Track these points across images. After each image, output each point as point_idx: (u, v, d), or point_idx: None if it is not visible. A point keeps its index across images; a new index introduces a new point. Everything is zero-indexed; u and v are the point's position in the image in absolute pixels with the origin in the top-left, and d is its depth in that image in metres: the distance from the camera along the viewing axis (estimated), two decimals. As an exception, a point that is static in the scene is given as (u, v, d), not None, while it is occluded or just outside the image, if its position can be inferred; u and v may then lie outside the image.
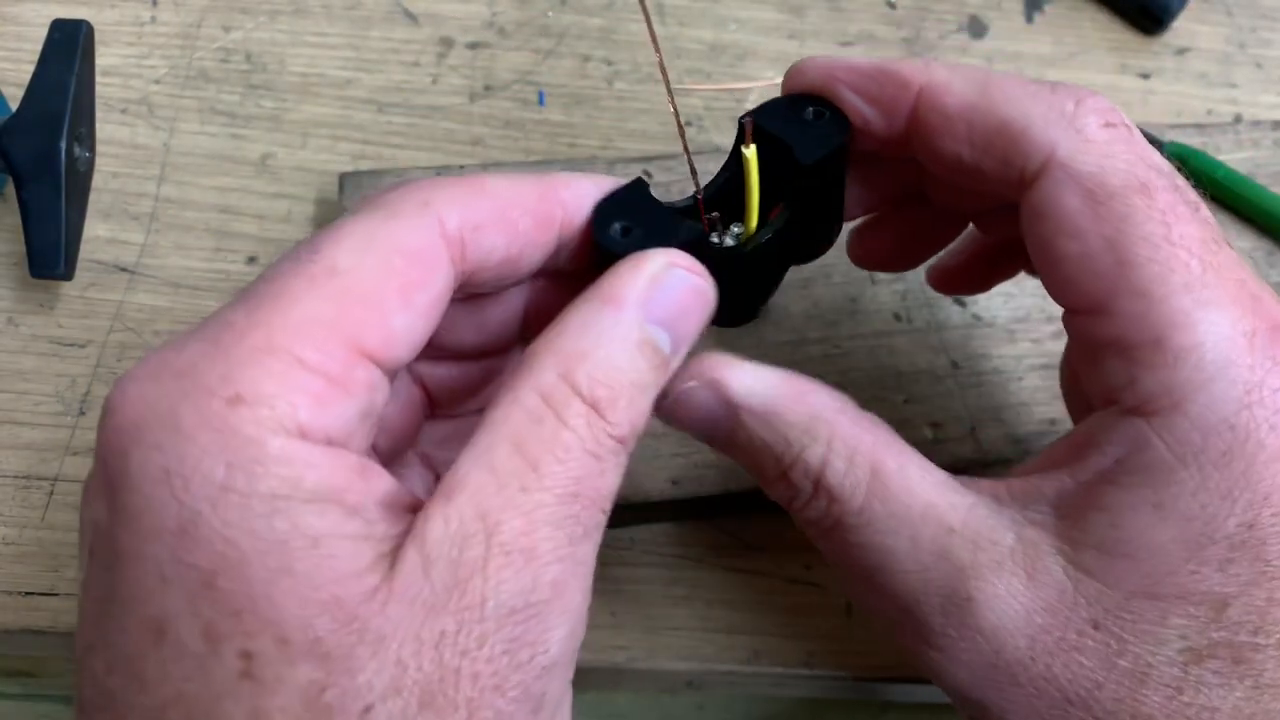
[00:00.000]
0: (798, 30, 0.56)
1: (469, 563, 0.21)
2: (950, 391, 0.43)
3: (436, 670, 0.21)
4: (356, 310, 0.22)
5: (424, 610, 0.21)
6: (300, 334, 0.22)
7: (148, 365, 0.22)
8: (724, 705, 0.49)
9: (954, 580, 0.26)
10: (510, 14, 0.55)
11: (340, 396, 0.22)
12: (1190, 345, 0.25)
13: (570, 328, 0.25)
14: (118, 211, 0.47)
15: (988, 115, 0.27)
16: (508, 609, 0.21)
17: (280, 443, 0.21)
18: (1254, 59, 0.57)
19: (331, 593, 0.20)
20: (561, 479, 0.23)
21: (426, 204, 0.25)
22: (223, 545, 0.20)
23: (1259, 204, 0.49)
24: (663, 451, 0.41)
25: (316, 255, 0.23)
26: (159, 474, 0.20)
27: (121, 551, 0.20)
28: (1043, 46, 0.57)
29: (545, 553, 0.22)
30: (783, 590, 0.41)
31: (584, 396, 0.24)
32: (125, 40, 0.52)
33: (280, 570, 0.20)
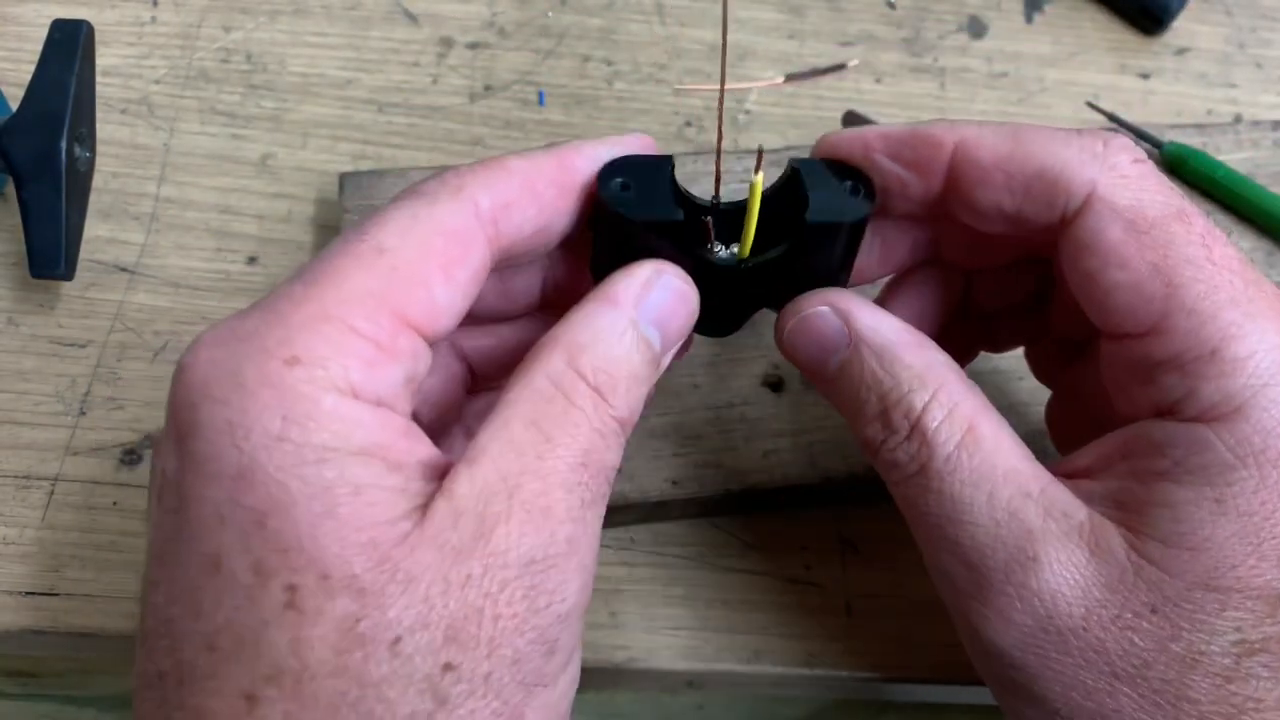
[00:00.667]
0: (798, 30, 0.56)
1: (493, 516, 0.24)
2: (950, 391, 0.43)
3: (461, 609, 0.23)
4: (401, 284, 0.25)
5: (452, 555, 0.23)
6: (352, 304, 0.24)
7: (217, 331, 0.24)
8: (724, 705, 0.49)
9: (1022, 540, 0.27)
10: (510, 14, 0.55)
11: (387, 361, 0.24)
12: (1245, 355, 0.26)
13: (575, 322, 0.28)
14: (118, 211, 0.47)
15: (1025, 162, 0.29)
16: (528, 559, 0.24)
17: (333, 400, 0.23)
18: (1254, 59, 0.57)
19: (369, 536, 0.22)
20: (572, 449, 0.26)
21: (460, 189, 0.27)
22: (275, 489, 0.22)
23: (1259, 204, 0.49)
24: (663, 452, 0.41)
25: (365, 236, 0.26)
26: (223, 425, 0.23)
27: (186, 495, 0.23)
28: (1042, 46, 0.57)
29: (560, 512, 0.25)
30: (783, 590, 0.41)
31: (588, 381, 0.27)
32: (125, 40, 0.52)
33: (324, 514, 0.22)
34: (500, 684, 0.24)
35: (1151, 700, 0.27)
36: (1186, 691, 0.26)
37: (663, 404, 0.42)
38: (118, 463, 0.42)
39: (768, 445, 0.41)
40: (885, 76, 0.55)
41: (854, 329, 0.30)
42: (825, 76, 0.55)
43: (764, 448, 0.41)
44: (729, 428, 0.42)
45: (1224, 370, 0.26)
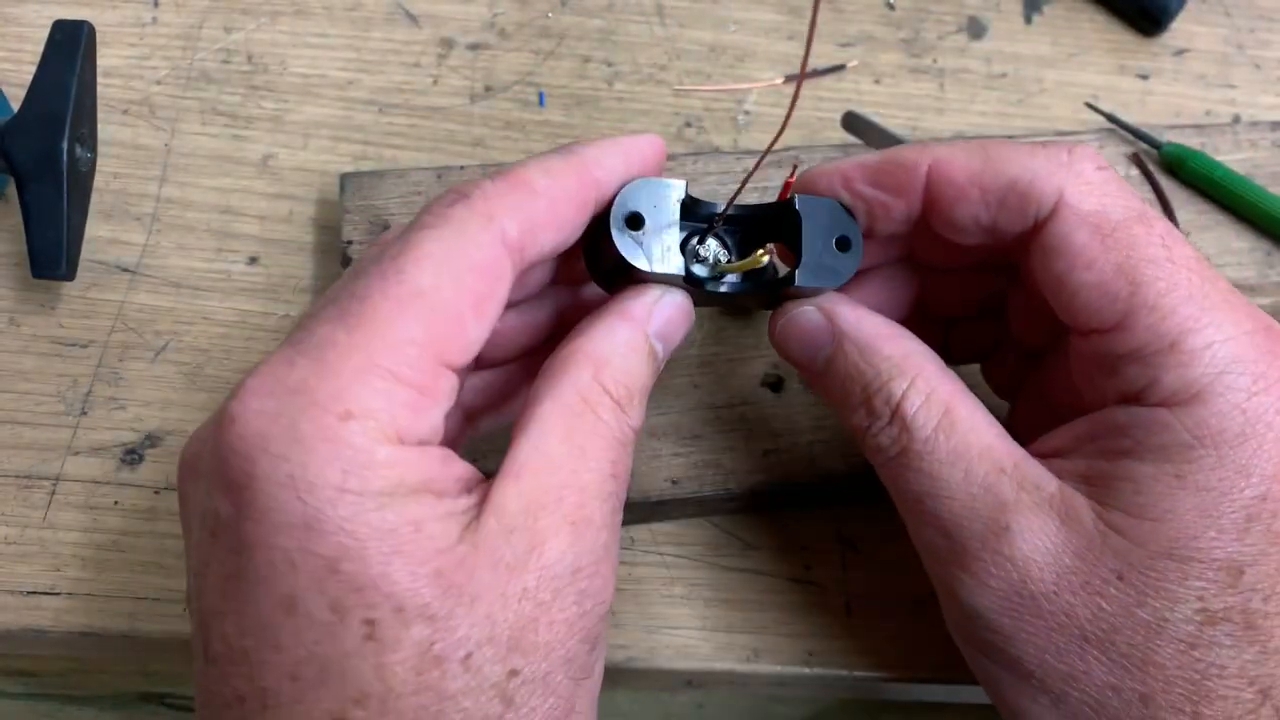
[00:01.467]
0: (797, 31, 0.56)
1: (542, 529, 0.26)
2: (949, 391, 0.43)
3: (520, 619, 0.25)
4: (441, 329, 0.26)
5: (507, 571, 0.25)
6: (396, 354, 0.25)
7: (263, 380, 0.25)
8: (724, 704, 0.49)
9: (996, 511, 0.29)
10: (511, 15, 0.55)
11: (430, 405, 0.26)
12: (1202, 346, 0.28)
13: (598, 336, 0.30)
14: (119, 212, 0.47)
15: (997, 176, 0.31)
16: (574, 568, 0.26)
17: (386, 450, 0.25)
18: (1252, 60, 0.57)
19: (434, 566, 0.24)
20: (603, 461, 0.28)
21: (490, 217, 0.28)
22: (343, 537, 0.24)
23: (1258, 204, 0.49)
24: (663, 452, 0.41)
25: (403, 277, 0.26)
26: (284, 479, 0.24)
27: (249, 541, 0.24)
28: (1041, 47, 0.57)
29: (597, 521, 0.27)
30: (782, 589, 0.41)
31: (612, 395, 0.29)
32: (127, 41, 0.52)
33: (392, 553, 0.24)
34: (556, 682, 0.26)
35: (1120, 664, 0.28)
36: (1152, 656, 0.28)
37: (663, 404, 0.42)
38: (119, 462, 0.42)
39: (768, 445, 0.41)
40: (884, 77, 0.55)
41: (837, 326, 0.32)
42: (825, 77, 0.55)
43: (764, 448, 0.41)
44: (729, 428, 0.42)
45: (1183, 361, 0.28)
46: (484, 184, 0.28)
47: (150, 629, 0.39)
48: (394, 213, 0.45)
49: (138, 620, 0.39)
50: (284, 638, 0.24)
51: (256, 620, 0.24)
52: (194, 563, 0.26)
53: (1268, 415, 0.28)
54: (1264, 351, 0.28)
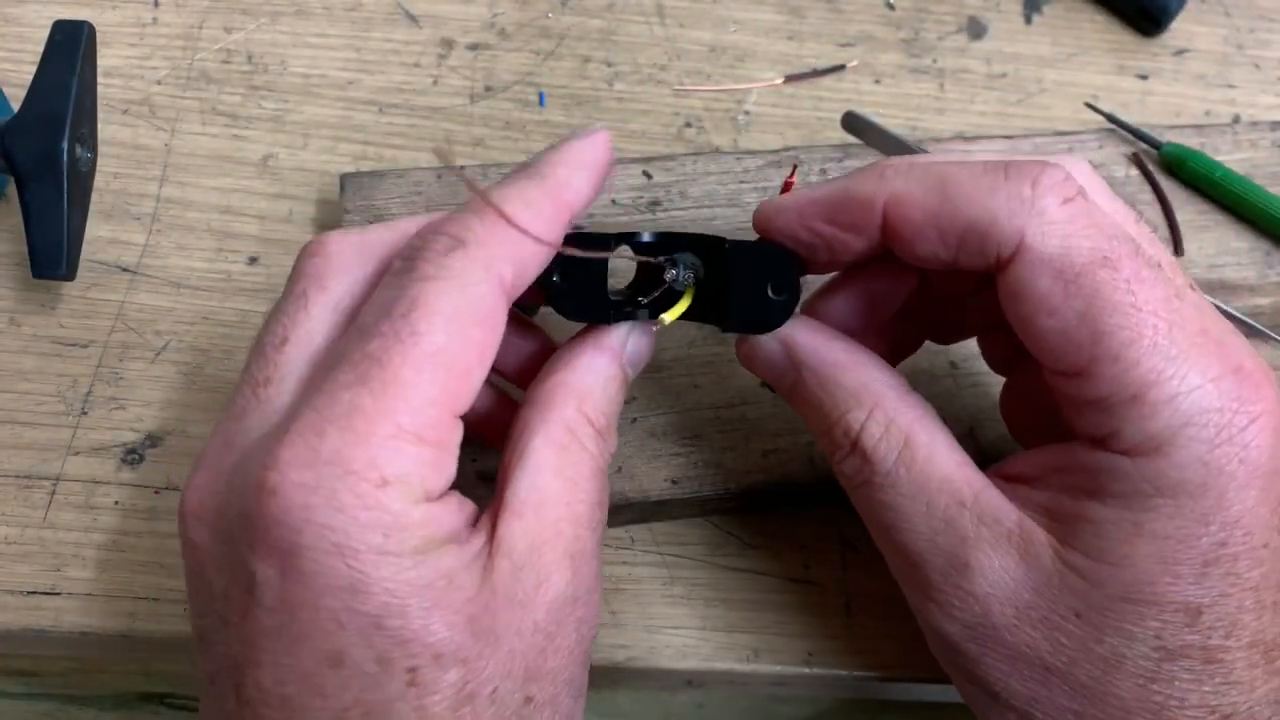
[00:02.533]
0: (797, 31, 0.56)
1: (547, 565, 0.28)
2: (949, 391, 0.43)
3: (533, 651, 0.28)
4: (455, 386, 0.27)
5: (520, 608, 0.27)
6: (420, 416, 0.27)
7: (298, 451, 0.26)
8: (723, 704, 0.49)
9: (957, 547, 0.30)
10: (511, 15, 0.55)
11: (448, 458, 0.28)
12: (1165, 399, 0.28)
13: (580, 369, 0.31)
14: (119, 212, 0.47)
15: (954, 218, 0.30)
16: (573, 597, 0.28)
17: (419, 511, 0.26)
18: (1252, 60, 0.57)
19: (465, 614, 0.26)
20: (592, 492, 0.30)
21: (489, 265, 0.28)
22: (387, 596, 0.25)
23: (1257, 204, 0.49)
24: (663, 451, 0.41)
25: (418, 338, 0.27)
26: (330, 547, 0.25)
27: (294, 602, 0.26)
28: (1041, 47, 0.57)
29: (589, 550, 0.29)
30: (782, 589, 0.41)
31: (594, 425, 0.30)
32: (127, 41, 0.52)
33: (432, 606, 0.26)
34: (562, 702, 0.29)
35: (1081, 693, 0.29)
36: (1112, 688, 0.28)
37: (663, 404, 0.42)
38: (119, 462, 0.42)
39: (768, 445, 0.41)
40: (884, 77, 0.55)
41: (794, 355, 0.33)
42: (824, 77, 0.55)
43: (764, 448, 0.41)
44: (729, 428, 0.42)
45: (1145, 414, 0.28)
46: (475, 227, 0.29)
47: (150, 629, 0.39)
48: (394, 213, 0.45)
49: (138, 620, 0.39)
50: (329, 687, 0.26)
51: (299, 671, 0.26)
52: (219, 609, 0.28)
53: (1230, 465, 0.28)
54: (1230, 399, 0.28)
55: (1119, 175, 0.50)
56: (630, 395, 0.42)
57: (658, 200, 0.47)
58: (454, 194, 0.45)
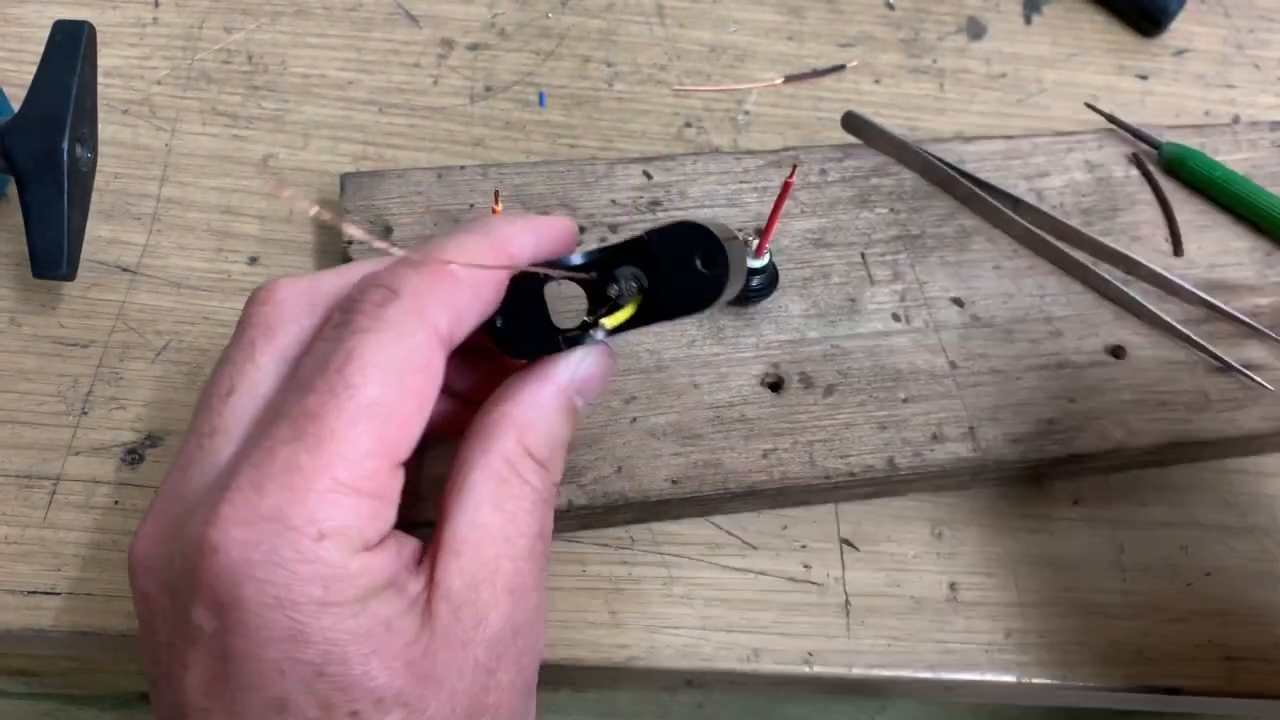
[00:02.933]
0: (797, 32, 0.56)
1: (484, 603, 0.28)
2: (949, 391, 0.43)
3: (474, 688, 0.28)
4: (393, 436, 0.28)
5: (460, 647, 0.28)
6: (357, 469, 0.27)
7: (238, 509, 0.27)
8: (723, 703, 0.49)
9: None
10: (511, 15, 0.55)
11: (387, 506, 0.28)
12: None
13: (522, 401, 0.31)
14: (120, 212, 0.47)
15: None
16: (514, 630, 0.29)
17: (358, 561, 0.27)
18: (1252, 60, 0.57)
19: (404, 659, 0.27)
20: (533, 525, 0.30)
21: (421, 315, 0.29)
22: (327, 645, 0.26)
23: (1257, 204, 0.49)
24: (663, 451, 0.41)
25: (352, 391, 0.27)
26: (271, 600, 0.26)
27: (237, 653, 0.26)
28: (1041, 48, 0.57)
29: (530, 583, 0.30)
30: (782, 589, 0.41)
31: (535, 457, 0.31)
32: (127, 41, 0.52)
33: (371, 653, 0.26)
34: None
35: None
36: None
37: (663, 404, 0.42)
38: (119, 462, 0.42)
39: (767, 445, 0.41)
40: (884, 78, 0.55)
41: None
42: (824, 78, 0.55)
43: (764, 447, 0.41)
44: (729, 428, 0.42)
45: None
46: (409, 277, 0.29)
47: (151, 629, 0.39)
48: (394, 212, 0.45)
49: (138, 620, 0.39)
50: None
51: (246, 717, 0.27)
52: (165, 658, 0.28)
53: None
54: None
55: (1119, 175, 0.51)
56: (630, 395, 0.42)
57: (657, 200, 0.47)
58: (454, 194, 0.45)
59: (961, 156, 0.50)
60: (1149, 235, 0.49)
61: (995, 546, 0.43)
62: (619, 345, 0.43)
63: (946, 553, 0.43)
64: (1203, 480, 0.46)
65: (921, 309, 0.45)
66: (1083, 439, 0.43)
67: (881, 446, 0.42)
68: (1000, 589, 0.42)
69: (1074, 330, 0.46)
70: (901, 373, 0.44)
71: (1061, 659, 0.41)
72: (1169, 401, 0.44)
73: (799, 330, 0.44)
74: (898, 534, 0.43)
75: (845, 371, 0.43)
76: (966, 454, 0.42)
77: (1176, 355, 0.46)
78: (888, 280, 0.46)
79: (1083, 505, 0.45)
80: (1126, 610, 0.42)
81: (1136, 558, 0.44)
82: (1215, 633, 0.42)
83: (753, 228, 0.46)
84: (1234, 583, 0.44)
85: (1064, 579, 0.43)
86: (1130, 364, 0.45)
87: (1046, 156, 0.50)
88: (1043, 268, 0.47)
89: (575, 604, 0.40)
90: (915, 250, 0.47)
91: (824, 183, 0.48)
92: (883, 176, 0.49)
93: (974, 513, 0.44)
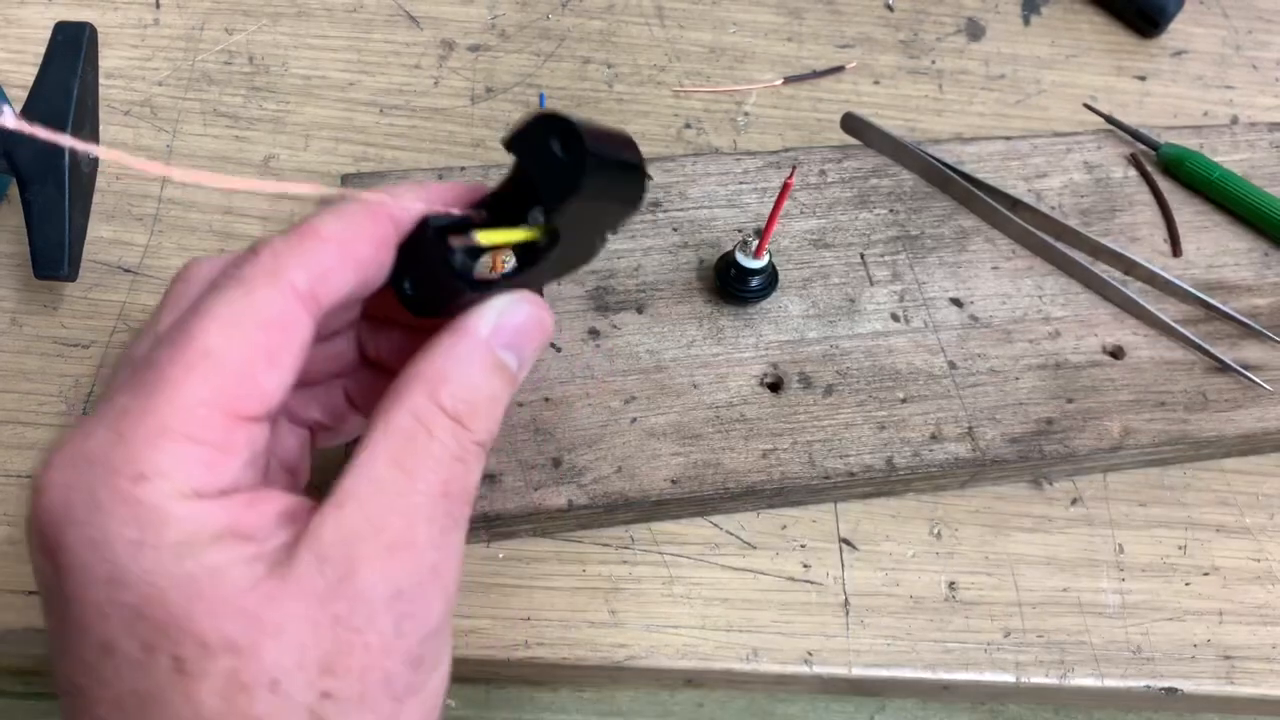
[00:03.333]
0: (797, 33, 0.56)
1: (359, 557, 0.27)
2: (947, 391, 0.44)
3: (333, 645, 0.26)
4: (231, 386, 0.27)
5: (316, 600, 0.26)
6: (186, 416, 0.26)
7: (64, 453, 0.27)
8: (723, 703, 0.50)
9: None
10: (511, 17, 0.55)
11: (226, 458, 0.27)
12: None
13: (435, 355, 0.30)
14: (121, 213, 0.48)
15: None
16: (394, 592, 0.27)
17: (181, 506, 0.26)
18: (1250, 61, 0.58)
19: (237, 605, 0.26)
20: (433, 482, 0.28)
21: (276, 272, 0.28)
22: (145, 587, 0.26)
23: (1255, 205, 0.49)
24: (663, 451, 0.41)
25: (190, 341, 0.27)
26: (88, 542, 0.26)
27: (67, 596, 0.26)
28: (1040, 48, 0.57)
29: (423, 543, 0.28)
30: (781, 589, 0.42)
31: (448, 412, 0.29)
32: (128, 42, 0.52)
33: (193, 596, 0.26)
34: (374, 701, 0.27)
35: None
36: None
37: (663, 404, 0.42)
38: (121, 462, 0.42)
39: (767, 445, 0.42)
40: (883, 79, 0.55)
41: None
42: (824, 79, 0.55)
43: (763, 447, 0.41)
44: (728, 428, 0.42)
45: None
46: (274, 240, 0.29)
47: (152, 628, 0.40)
48: (395, 213, 0.45)
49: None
50: (107, 674, 0.26)
51: (84, 661, 0.27)
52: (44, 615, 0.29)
53: None
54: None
55: (1117, 176, 0.51)
56: (630, 395, 0.42)
57: (658, 201, 0.47)
58: (454, 195, 0.46)
59: (960, 157, 0.50)
60: (1147, 236, 0.49)
61: (994, 546, 0.43)
62: (619, 345, 0.43)
63: (945, 552, 0.43)
64: (1201, 480, 0.46)
65: (920, 309, 0.46)
66: (1081, 439, 0.43)
67: (880, 446, 0.42)
68: (999, 588, 0.43)
69: (1072, 330, 0.46)
70: (900, 373, 0.44)
71: (1060, 658, 0.41)
72: (1167, 401, 0.44)
73: (798, 330, 0.44)
74: (897, 533, 0.43)
75: (844, 371, 0.44)
76: (965, 454, 0.42)
77: (1174, 355, 0.46)
78: (887, 280, 0.46)
79: (1081, 505, 0.45)
80: (1124, 610, 0.43)
81: (1134, 557, 0.44)
82: (1213, 632, 0.42)
83: (752, 228, 0.46)
84: (1232, 582, 0.44)
85: (1062, 578, 0.43)
86: (1128, 364, 0.45)
87: (1045, 157, 0.51)
88: (1041, 268, 0.48)
89: (575, 604, 0.41)
90: (914, 251, 0.47)
91: (823, 183, 0.48)
92: (882, 177, 0.49)
93: (972, 512, 0.44)
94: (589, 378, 0.42)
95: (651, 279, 0.45)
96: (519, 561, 0.41)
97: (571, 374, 0.42)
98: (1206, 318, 0.47)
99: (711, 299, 0.45)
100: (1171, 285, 0.47)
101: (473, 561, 0.41)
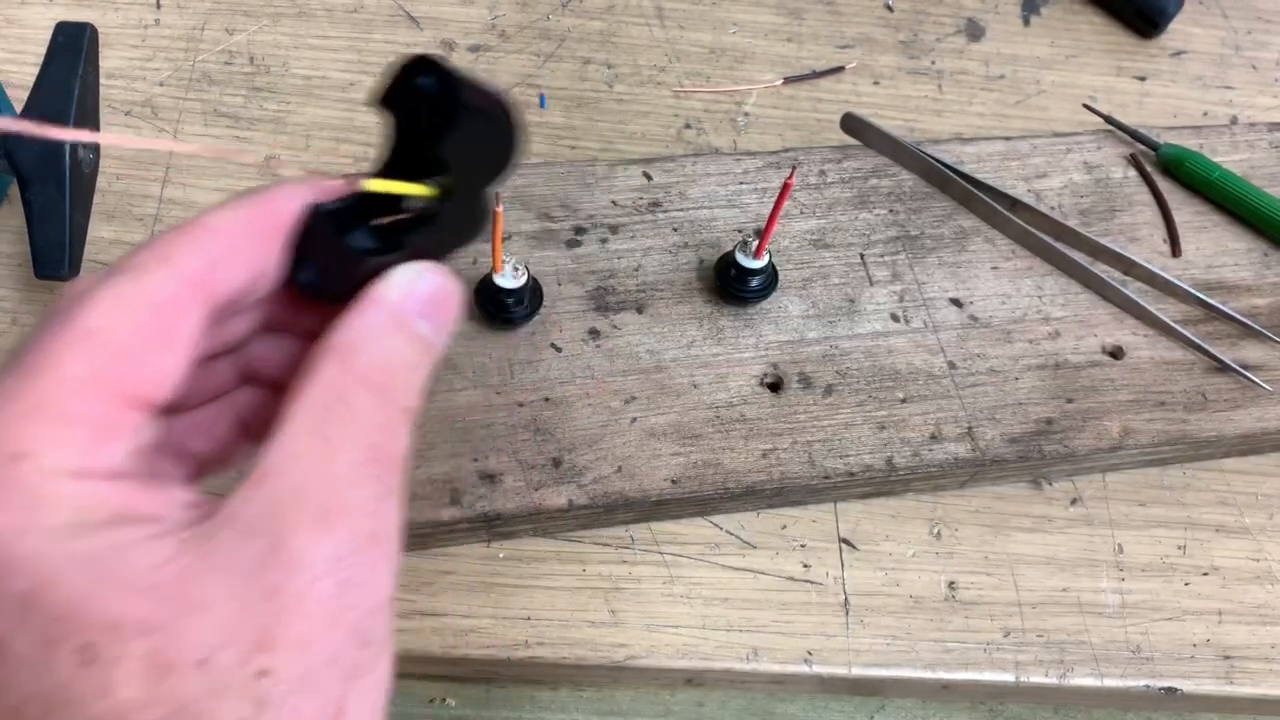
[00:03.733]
0: (796, 33, 0.56)
1: (286, 527, 0.25)
2: (947, 391, 0.44)
3: (269, 618, 0.24)
4: (112, 365, 0.26)
5: (244, 575, 0.24)
6: (64, 392, 0.25)
7: None
8: (723, 702, 0.50)
9: None
10: (511, 17, 0.55)
11: (111, 440, 0.26)
12: None
13: (344, 328, 0.29)
14: (122, 213, 0.48)
15: None
16: (331, 559, 0.25)
17: (65, 485, 0.25)
18: (1249, 61, 0.58)
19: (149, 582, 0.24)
20: (356, 448, 0.27)
21: (166, 258, 0.28)
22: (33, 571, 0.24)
23: (1255, 205, 0.49)
24: (663, 451, 0.41)
25: (72, 321, 0.26)
26: None
27: None
28: (1039, 49, 0.57)
29: (356, 510, 0.26)
30: (781, 588, 0.42)
31: (364, 380, 0.28)
32: (129, 43, 0.52)
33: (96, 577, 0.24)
34: (319, 680, 0.25)
35: None
36: None
37: (663, 404, 0.42)
38: (121, 462, 0.42)
39: (767, 445, 0.42)
40: (883, 79, 0.55)
41: None
42: (823, 79, 0.55)
43: (763, 447, 0.42)
44: (728, 428, 0.42)
45: None
46: (167, 233, 0.29)
47: (153, 628, 0.40)
48: (395, 214, 0.45)
49: None
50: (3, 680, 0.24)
51: None
52: None
53: None
54: None
55: (1117, 176, 0.51)
56: (630, 395, 0.42)
57: (657, 201, 0.47)
58: (455, 195, 0.46)
59: (960, 157, 0.50)
60: (1147, 236, 0.49)
61: (993, 546, 0.44)
62: (619, 345, 0.43)
63: (945, 552, 0.43)
64: (1200, 480, 0.46)
65: (920, 309, 0.46)
66: (1080, 439, 0.43)
67: (880, 446, 0.42)
68: (998, 588, 0.43)
69: (1072, 330, 0.46)
70: (900, 373, 0.44)
71: (1059, 658, 0.41)
72: (1167, 401, 0.45)
73: (798, 330, 0.44)
74: (896, 533, 0.43)
75: (844, 372, 0.44)
76: (965, 454, 0.42)
77: (1174, 355, 0.46)
78: (886, 281, 0.46)
79: (1080, 505, 0.45)
80: (1124, 609, 0.43)
81: (1134, 557, 0.44)
82: (1213, 632, 0.43)
83: (752, 228, 0.46)
84: (1231, 582, 0.44)
85: (1062, 578, 0.43)
86: (1128, 364, 0.45)
87: (1045, 157, 0.51)
88: (1041, 268, 0.48)
89: (575, 603, 0.41)
90: (914, 251, 0.47)
91: (823, 184, 0.48)
92: (881, 177, 0.49)
93: (972, 512, 0.44)
94: (589, 378, 0.42)
95: (651, 279, 0.45)
96: (519, 561, 0.41)
97: (571, 374, 0.42)
98: (1206, 318, 0.47)
99: (711, 299, 0.45)
100: (1171, 285, 0.47)
101: (473, 561, 0.41)
